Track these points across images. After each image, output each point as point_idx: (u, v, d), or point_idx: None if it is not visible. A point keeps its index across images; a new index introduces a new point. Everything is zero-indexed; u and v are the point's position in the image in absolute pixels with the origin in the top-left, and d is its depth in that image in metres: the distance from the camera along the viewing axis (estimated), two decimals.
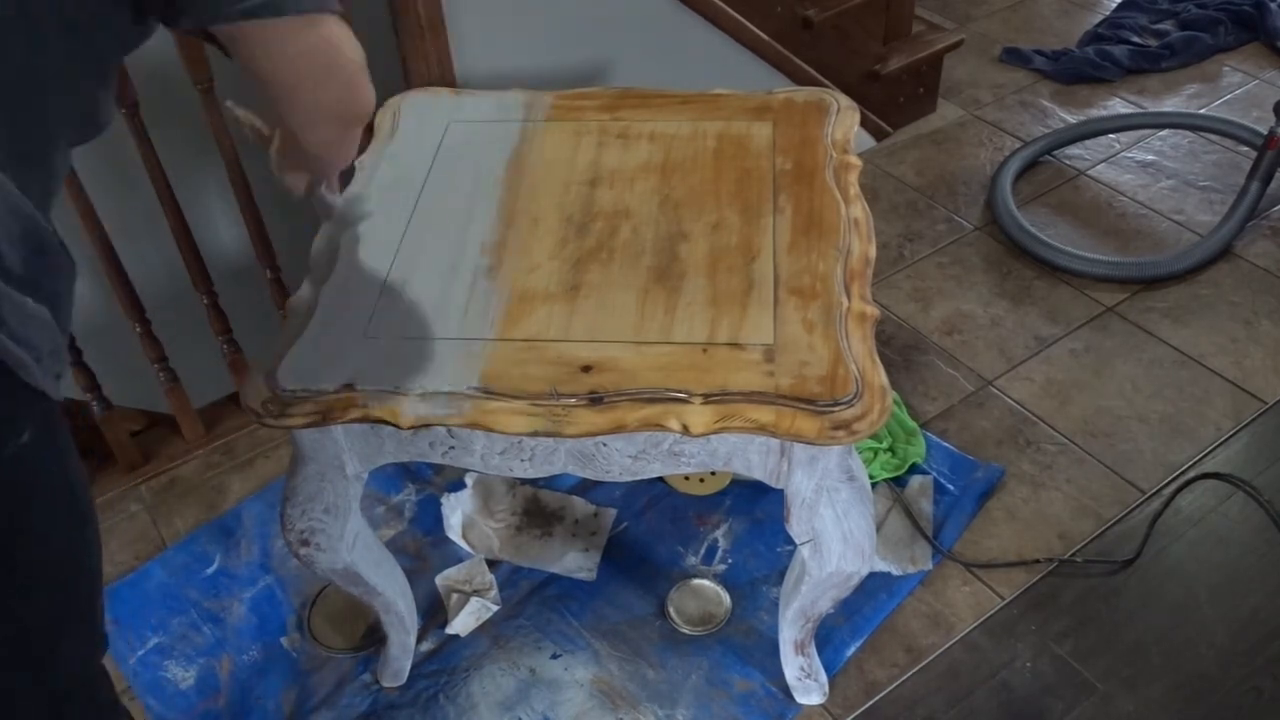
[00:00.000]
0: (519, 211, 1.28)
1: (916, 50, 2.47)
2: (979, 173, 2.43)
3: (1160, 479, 1.77)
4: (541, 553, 1.69)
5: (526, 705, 1.51)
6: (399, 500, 1.78)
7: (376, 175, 1.35)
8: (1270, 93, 2.63)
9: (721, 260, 1.20)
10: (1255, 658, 1.53)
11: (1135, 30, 2.84)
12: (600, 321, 1.14)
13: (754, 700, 1.50)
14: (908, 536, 1.68)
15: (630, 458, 1.15)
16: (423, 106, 1.47)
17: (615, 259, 1.21)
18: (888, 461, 1.76)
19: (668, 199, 1.29)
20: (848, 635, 1.56)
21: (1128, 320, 2.06)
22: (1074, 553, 1.67)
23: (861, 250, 1.21)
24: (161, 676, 1.56)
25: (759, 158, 1.34)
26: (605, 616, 1.61)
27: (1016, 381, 1.95)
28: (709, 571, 1.66)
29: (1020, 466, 1.80)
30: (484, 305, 1.17)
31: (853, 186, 1.29)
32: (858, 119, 1.41)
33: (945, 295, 2.13)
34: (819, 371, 1.07)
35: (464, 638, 1.59)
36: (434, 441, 1.15)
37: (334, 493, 1.20)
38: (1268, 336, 2.01)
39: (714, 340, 1.10)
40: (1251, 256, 2.18)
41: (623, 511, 1.74)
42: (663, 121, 1.41)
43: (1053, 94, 2.68)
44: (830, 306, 1.13)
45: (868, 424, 1.03)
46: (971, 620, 1.59)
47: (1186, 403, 1.89)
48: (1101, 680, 1.51)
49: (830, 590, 1.29)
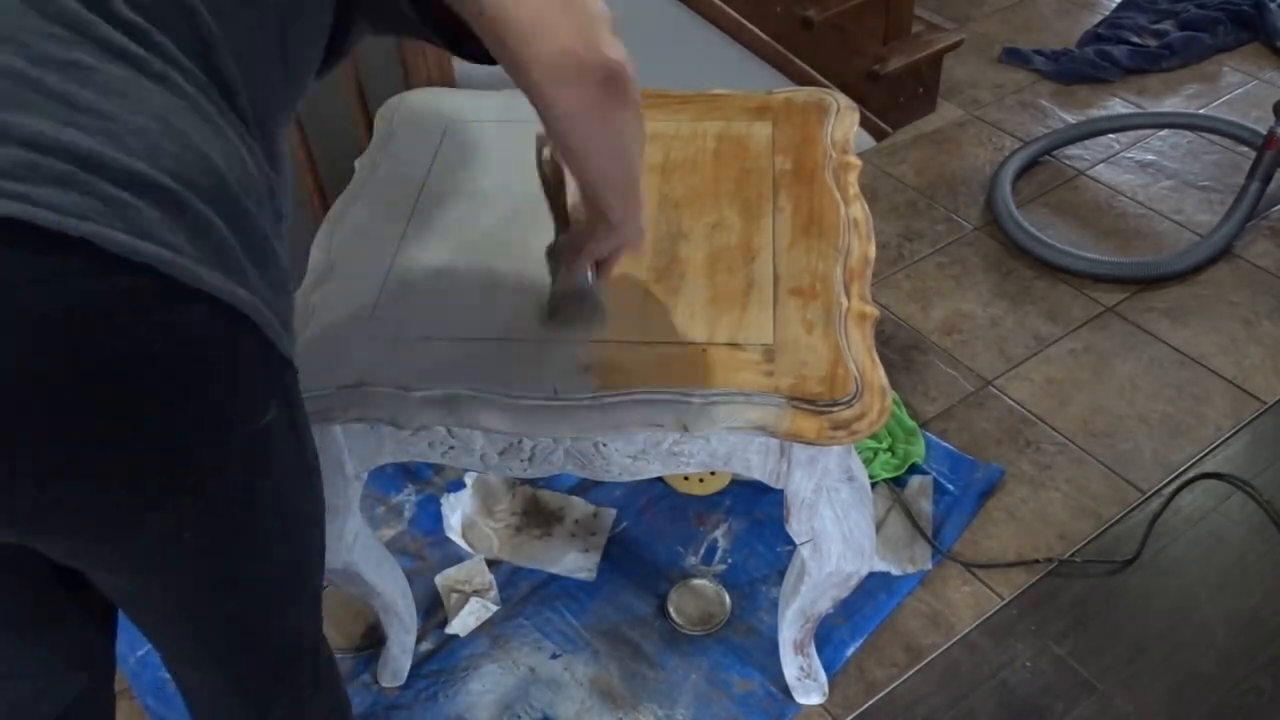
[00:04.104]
0: (519, 211, 1.28)
1: (916, 50, 2.47)
2: (979, 173, 2.43)
3: (1160, 479, 1.77)
4: (541, 553, 1.69)
5: (526, 705, 1.51)
6: (399, 500, 1.78)
7: (376, 175, 1.35)
8: (1270, 93, 2.63)
9: (721, 260, 1.20)
10: (1255, 658, 1.53)
11: (1135, 30, 2.84)
12: None
13: (754, 700, 1.50)
14: (907, 536, 1.68)
15: (630, 458, 1.15)
16: (423, 106, 1.47)
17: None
18: (887, 461, 1.76)
19: (667, 199, 1.29)
20: (847, 635, 1.57)
21: (1127, 320, 2.06)
22: (1074, 553, 1.67)
23: (861, 250, 1.21)
24: (162, 677, 1.56)
25: (759, 158, 1.34)
26: (605, 616, 1.61)
27: (1016, 381, 1.95)
28: (709, 571, 1.66)
29: (1020, 466, 1.80)
30: (484, 305, 1.17)
31: (852, 186, 1.29)
32: (857, 119, 1.41)
33: (945, 295, 2.13)
34: (819, 371, 1.07)
35: (464, 638, 1.59)
36: (434, 441, 1.15)
37: (333, 493, 1.19)
38: (1268, 336, 2.01)
39: (714, 340, 1.10)
40: (1251, 256, 2.18)
41: (623, 511, 1.74)
42: (662, 121, 1.41)
43: (1052, 94, 2.68)
44: (830, 306, 1.13)
45: (867, 424, 1.03)
46: (971, 620, 1.59)
47: (1186, 403, 1.89)
48: (1101, 680, 1.51)
49: (830, 590, 1.29)
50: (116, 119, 0.66)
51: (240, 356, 0.72)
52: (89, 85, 0.65)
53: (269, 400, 0.76)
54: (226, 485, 0.76)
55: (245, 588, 0.86)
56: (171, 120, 0.68)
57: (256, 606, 0.89)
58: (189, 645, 0.92)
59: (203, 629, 0.89)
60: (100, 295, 0.63)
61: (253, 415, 0.75)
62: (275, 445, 0.79)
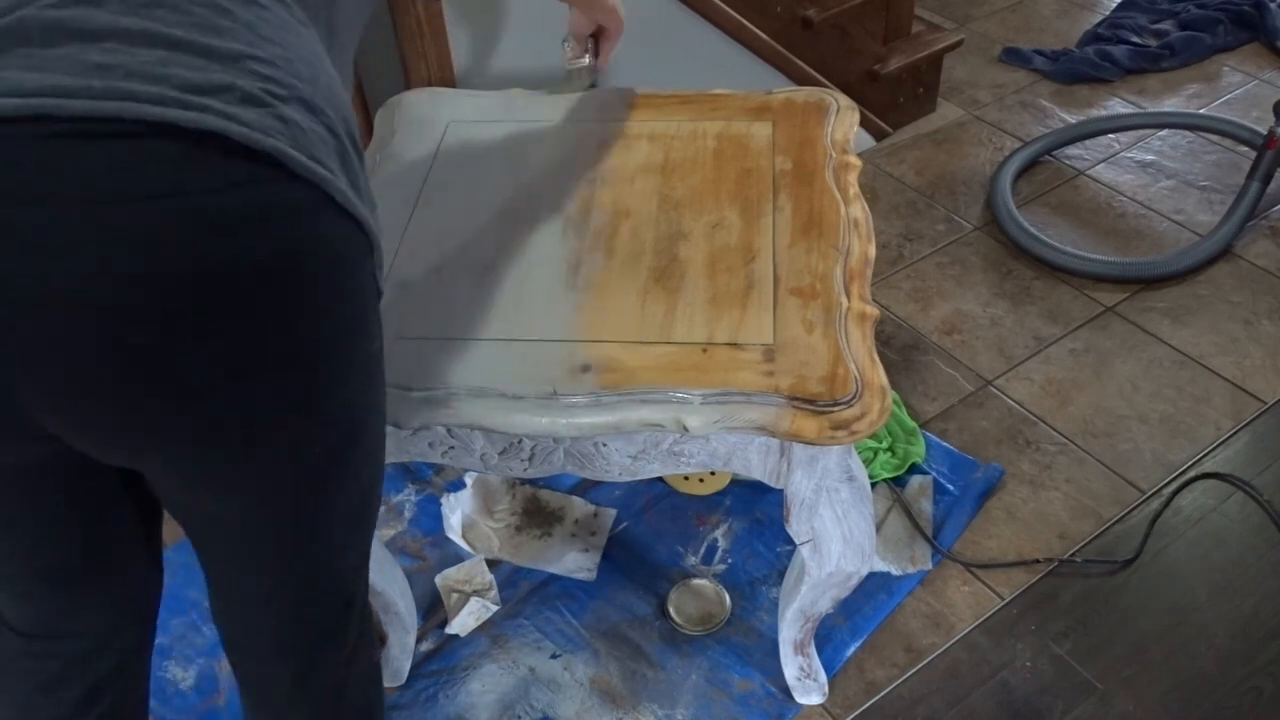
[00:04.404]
0: (518, 211, 1.28)
1: (916, 50, 2.47)
2: (979, 173, 2.43)
3: (1160, 479, 1.77)
4: (541, 553, 1.69)
5: (526, 705, 1.51)
6: (399, 500, 1.78)
7: (376, 175, 1.35)
8: (1270, 93, 2.63)
9: (721, 260, 1.20)
10: (1255, 658, 1.53)
11: (1135, 30, 2.83)
12: (600, 321, 1.14)
13: (754, 700, 1.50)
14: (907, 536, 1.68)
15: (630, 458, 1.15)
16: (423, 106, 1.47)
17: (615, 259, 1.21)
18: (887, 461, 1.77)
19: (667, 199, 1.29)
20: (847, 635, 1.57)
21: (1128, 320, 2.06)
22: (1074, 553, 1.67)
23: (861, 250, 1.21)
24: (161, 677, 1.56)
25: (759, 158, 1.34)
26: (605, 616, 1.61)
27: (1016, 381, 1.95)
28: (709, 571, 1.66)
29: (1020, 466, 1.80)
30: (484, 305, 1.16)
31: (852, 186, 1.29)
32: (857, 119, 1.41)
33: (945, 295, 2.13)
34: (819, 371, 1.07)
35: (464, 637, 1.59)
36: (434, 441, 1.15)
37: None
38: (1268, 336, 2.01)
39: (714, 340, 1.10)
40: (1251, 256, 2.18)
41: (623, 511, 1.74)
42: (662, 121, 1.41)
43: (1052, 94, 2.68)
44: (830, 306, 1.13)
45: (867, 424, 1.03)
46: (971, 620, 1.59)
47: (1186, 403, 1.89)
48: (1101, 680, 1.51)
49: (830, 590, 1.29)
50: (290, 50, 0.75)
51: (365, 276, 0.80)
52: (265, 22, 0.75)
53: (378, 324, 0.84)
54: (345, 404, 0.82)
55: (333, 517, 0.89)
56: (320, 60, 0.79)
57: (332, 539, 0.91)
58: (256, 580, 0.92)
59: (281, 559, 0.90)
60: (271, 205, 0.71)
61: (370, 336, 0.82)
62: (377, 374, 0.85)
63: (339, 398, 0.81)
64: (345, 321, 0.78)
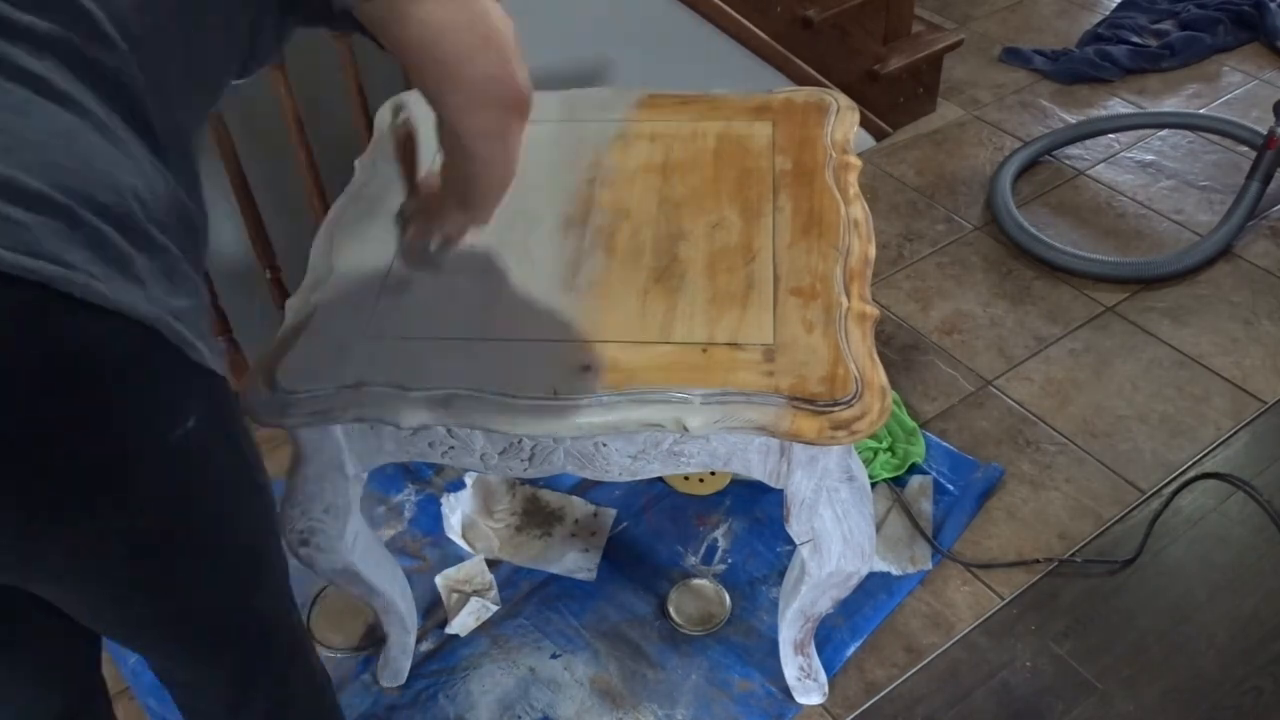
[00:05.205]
0: (518, 211, 1.28)
1: (916, 50, 2.47)
2: (979, 173, 2.43)
3: (1160, 479, 1.77)
4: (541, 553, 1.69)
5: (526, 704, 1.51)
6: (399, 500, 1.78)
7: (376, 174, 1.35)
8: (1270, 93, 2.63)
9: (721, 260, 1.20)
10: (1255, 658, 1.53)
11: (1135, 30, 2.83)
12: (600, 321, 1.14)
13: (754, 700, 1.50)
14: (907, 536, 1.68)
15: (630, 458, 1.15)
16: (423, 106, 1.47)
17: (615, 259, 1.21)
18: (887, 461, 1.76)
19: (667, 199, 1.29)
20: (847, 635, 1.57)
21: (1127, 320, 2.06)
22: (1074, 553, 1.67)
23: (861, 250, 1.21)
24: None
25: (759, 158, 1.34)
26: (605, 616, 1.61)
27: (1016, 381, 1.95)
28: (709, 571, 1.66)
29: (1020, 466, 1.80)
30: (484, 305, 1.17)
31: (852, 186, 1.29)
32: (857, 119, 1.41)
33: (945, 295, 2.13)
34: (819, 371, 1.07)
35: (464, 637, 1.59)
36: (434, 441, 1.15)
37: (334, 492, 1.20)
38: (1268, 336, 2.01)
39: (714, 340, 1.10)
40: (1251, 256, 2.18)
41: (623, 511, 1.74)
42: (662, 121, 1.41)
43: (1052, 94, 2.68)
44: (830, 306, 1.13)
45: (867, 424, 1.03)
46: (971, 620, 1.59)
47: (1186, 403, 1.89)
48: (1101, 680, 1.51)
49: (830, 590, 1.29)
50: (15, 136, 0.66)
51: (147, 367, 0.72)
52: None
53: (185, 409, 0.76)
54: (149, 492, 0.76)
55: (194, 587, 0.86)
56: (73, 138, 0.69)
57: (215, 603, 0.89)
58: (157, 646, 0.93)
59: (165, 630, 0.89)
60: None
61: (169, 424, 0.75)
62: (202, 451, 0.79)
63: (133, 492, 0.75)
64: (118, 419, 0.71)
